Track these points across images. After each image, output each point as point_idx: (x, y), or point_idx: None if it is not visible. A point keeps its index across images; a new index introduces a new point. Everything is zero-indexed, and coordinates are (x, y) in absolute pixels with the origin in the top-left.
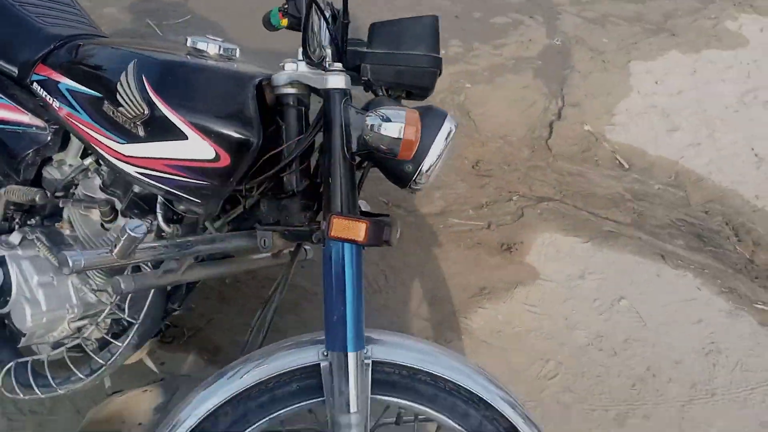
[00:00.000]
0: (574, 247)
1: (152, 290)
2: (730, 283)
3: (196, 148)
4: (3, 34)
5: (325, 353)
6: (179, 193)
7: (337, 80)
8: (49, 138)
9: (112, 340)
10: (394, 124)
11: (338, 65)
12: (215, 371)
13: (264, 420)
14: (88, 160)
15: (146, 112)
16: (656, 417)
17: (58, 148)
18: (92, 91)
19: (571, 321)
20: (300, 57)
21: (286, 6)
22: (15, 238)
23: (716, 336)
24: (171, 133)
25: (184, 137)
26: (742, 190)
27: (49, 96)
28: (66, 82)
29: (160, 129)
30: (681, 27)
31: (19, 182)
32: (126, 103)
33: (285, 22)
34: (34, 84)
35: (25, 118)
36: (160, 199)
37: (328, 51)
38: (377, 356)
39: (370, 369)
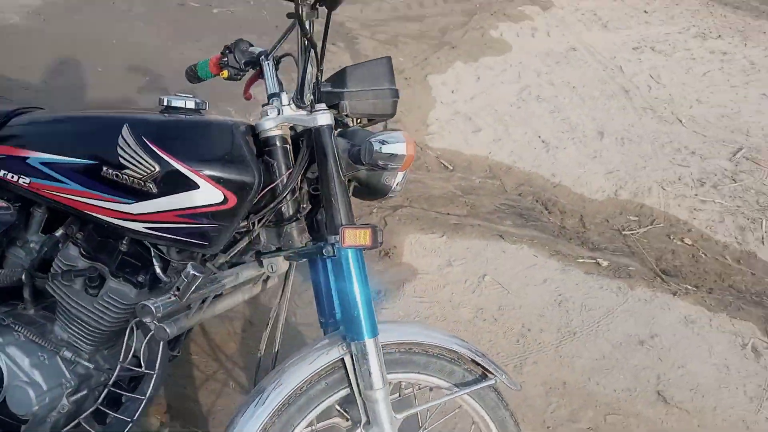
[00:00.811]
0: (435, 241)
1: (163, 340)
2: (555, 247)
3: (207, 194)
4: None
5: (346, 346)
6: (189, 239)
7: (325, 118)
8: (14, 217)
9: (133, 395)
10: (399, 144)
11: (322, 105)
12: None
13: (303, 420)
14: (60, 232)
15: (157, 169)
16: (542, 361)
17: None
18: (81, 160)
19: (454, 302)
20: (278, 102)
21: (226, 60)
22: None
23: (560, 289)
24: (184, 184)
25: (196, 186)
26: (542, 171)
27: (9, 173)
28: (37, 155)
29: (172, 183)
30: (457, 40)
31: None
32: (132, 164)
33: (225, 73)
34: None
35: None
36: (153, 252)
37: (309, 95)
38: (382, 340)
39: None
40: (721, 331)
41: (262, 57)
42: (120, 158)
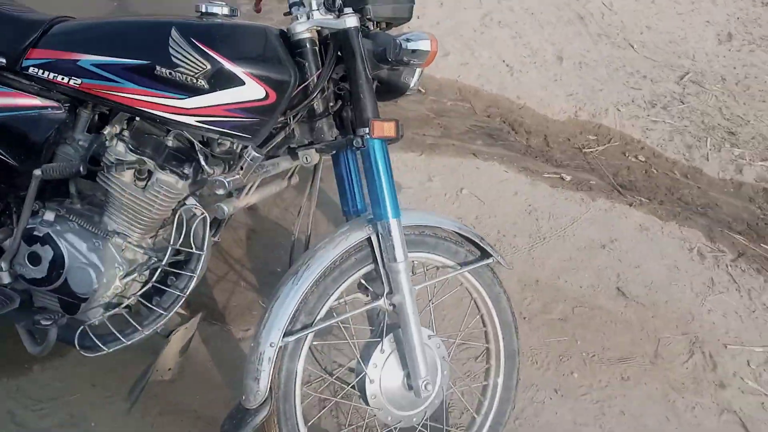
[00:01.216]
0: (414, 159)
1: (208, 222)
2: (523, 164)
3: (251, 90)
4: None
5: (372, 227)
6: (234, 132)
7: (352, 20)
8: (65, 116)
9: (181, 271)
10: (424, 41)
11: (350, 9)
12: None
13: (336, 291)
14: (107, 130)
15: (208, 67)
16: (516, 262)
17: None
18: (134, 61)
19: (437, 212)
20: (307, 8)
21: None
22: (49, 216)
23: (529, 201)
24: (231, 81)
25: (242, 83)
26: (507, 94)
27: (59, 76)
28: (88, 57)
29: (221, 79)
30: None
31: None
32: (185, 63)
33: None
34: (30, 69)
35: (36, 101)
36: (197, 146)
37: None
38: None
39: None
40: (671, 237)
41: None
42: (173, 58)
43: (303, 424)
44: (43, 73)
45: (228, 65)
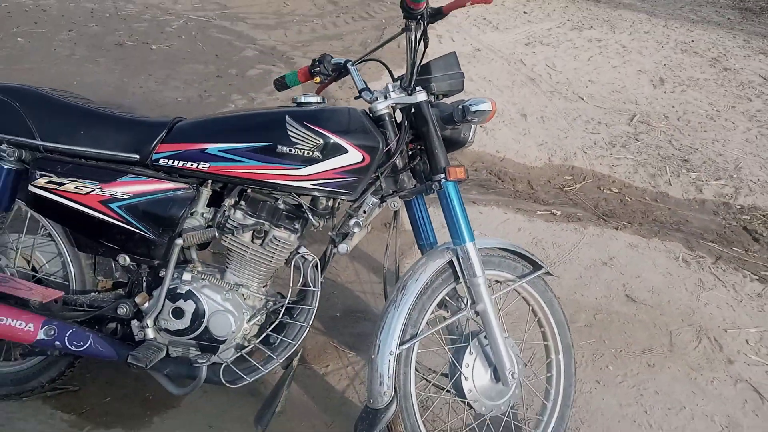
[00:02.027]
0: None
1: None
2: (516, 206)
3: (353, 156)
4: (112, 132)
5: (453, 252)
6: (340, 189)
7: (423, 95)
8: (194, 194)
9: (302, 306)
10: (486, 104)
11: (419, 87)
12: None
13: (430, 307)
14: (226, 202)
15: (321, 141)
16: None
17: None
18: (258, 144)
19: None
20: (383, 90)
21: (318, 68)
22: (187, 276)
23: (533, 234)
24: (339, 150)
25: (346, 151)
26: (488, 150)
27: (189, 162)
28: (215, 146)
29: (330, 150)
30: (378, 52)
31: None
32: (301, 141)
33: (317, 79)
34: (161, 161)
35: (170, 184)
36: (305, 205)
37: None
38: None
39: None
40: (657, 250)
41: (349, 64)
42: (291, 138)
43: (420, 419)
44: (173, 163)
45: (336, 138)
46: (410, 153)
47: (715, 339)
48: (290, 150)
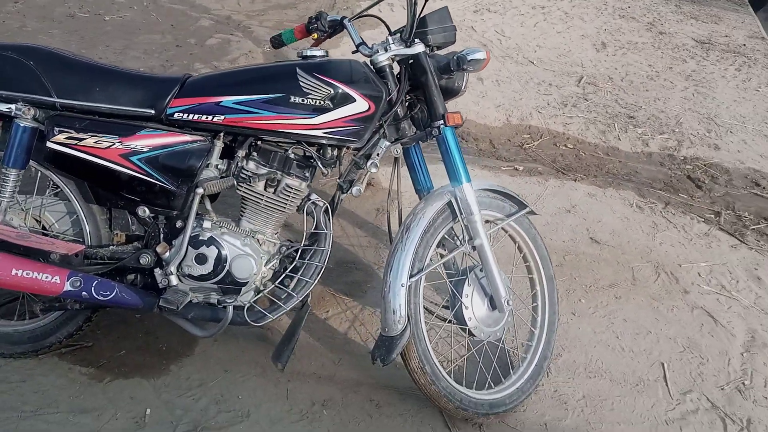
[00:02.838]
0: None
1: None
2: (482, 163)
3: (360, 105)
4: (126, 88)
5: (451, 193)
6: (348, 137)
7: (421, 47)
8: (210, 146)
9: (316, 247)
10: (480, 52)
11: (417, 40)
12: None
13: (432, 244)
14: (238, 153)
15: (331, 91)
16: None
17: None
18: (271, 95)
19: None
20: (382, 43)
21: (315, 25)
22: (207, 224)
23: None
24: (348, 100)
25: (354, 100)
26: None
27: (203, 116)
28: (229, 98)
29: (341, 100)
30: None
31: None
32: (313, 91)
33: (315, 36)
34: (176, 115)
35: (186, 137)
36: (314, 154)
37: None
38: None
39: None
40: (613, 198)
41: (345, 20)
42: (303, 88)
43: (429, 344)
44: (187, 116)
45: (344, 88)
46: (407, 102)
47: (671, 273)
48: (302, 100)
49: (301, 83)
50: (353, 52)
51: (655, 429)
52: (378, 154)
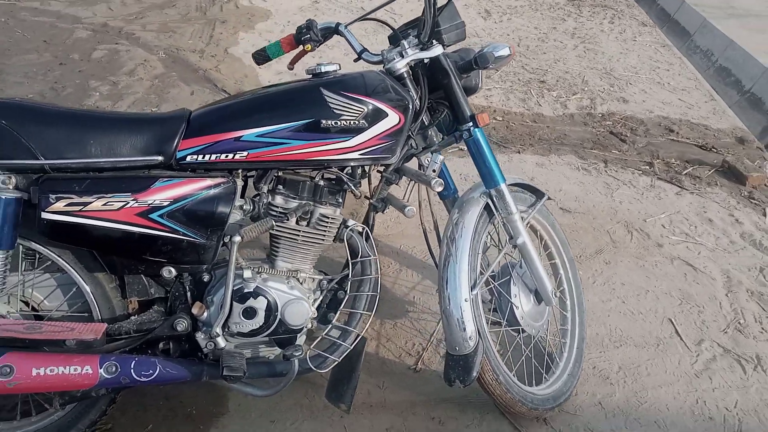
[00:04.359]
0: None
1: (370, 233)
2: None
3: (392, 118)
4: (124, 135)
5: (487, 194)
6: (383, 155)
7: (439, 48)
8: (235, 187)
9: (364, 276)
10: (505, 49)
11: (434, 42)
12: None
13: (480, 249)
14: (263, 189)
15: (364, 109)
16: None
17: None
18: (299, 122)
19: None
20: (393, 48)
21: (308, 36)
22: (248, 273)
23: (455, 170)
24: (381, 115)
25: (386, 114)
26: None
27: (222, 155)
28: (251, 131)
29: (374, 117)
30: (220, 15)
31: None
32: (345, 111)
33: (309, 47)
34: (188, 158)
35: (209, 181)
36: (345, 177)
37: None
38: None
39: None
40: (559, 164)
41: (341, 27)
42: (333, 110)
43: (498, 354)
44: (203, 158)
45: (376, 103)
46: (428, 107)
47: (641, 230)
48: (335, 122)
49: (330, 104)
50: (355, 60)
51: (690, 384)
52: (434, 170)
